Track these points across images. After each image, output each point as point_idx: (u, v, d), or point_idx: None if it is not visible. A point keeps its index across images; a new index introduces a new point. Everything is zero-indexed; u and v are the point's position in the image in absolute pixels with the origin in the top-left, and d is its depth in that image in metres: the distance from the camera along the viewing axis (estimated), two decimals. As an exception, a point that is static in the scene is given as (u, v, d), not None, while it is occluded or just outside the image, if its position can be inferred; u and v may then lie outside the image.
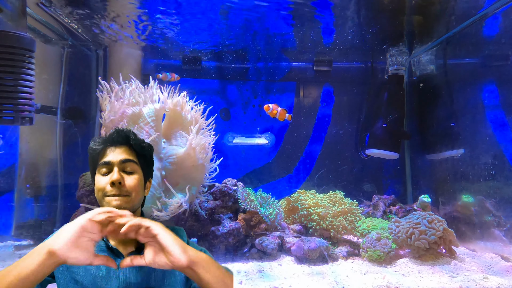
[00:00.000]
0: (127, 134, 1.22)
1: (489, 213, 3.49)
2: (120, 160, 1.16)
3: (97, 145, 1.19)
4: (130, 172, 1.18)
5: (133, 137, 1.23)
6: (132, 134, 1.23)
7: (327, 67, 4.91)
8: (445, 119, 4.27)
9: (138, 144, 1.22)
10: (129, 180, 1.16)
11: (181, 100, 3.16)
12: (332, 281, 2.75)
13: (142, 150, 1.24)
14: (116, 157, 1.17)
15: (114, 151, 1.18)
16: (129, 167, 1.18)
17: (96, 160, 1.19)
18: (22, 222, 3.71)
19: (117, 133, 1.21)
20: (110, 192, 1.12)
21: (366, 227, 3.63)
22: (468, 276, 2.75)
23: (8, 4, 2.40)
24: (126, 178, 1.15)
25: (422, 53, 4.53)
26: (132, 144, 1.21)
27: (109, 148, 1.18)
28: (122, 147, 1.19)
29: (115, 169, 1.14)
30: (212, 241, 3.18)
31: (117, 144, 1.19)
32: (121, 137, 1.20)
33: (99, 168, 1.16)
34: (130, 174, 1.17)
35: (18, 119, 2.37)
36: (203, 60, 4.91)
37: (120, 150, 1.19)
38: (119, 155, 1.17)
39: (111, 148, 1.18)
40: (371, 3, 3.36)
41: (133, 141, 1.22)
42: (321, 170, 4.99)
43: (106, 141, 1.20)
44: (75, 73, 4.19)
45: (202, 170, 3.01)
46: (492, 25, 3.60)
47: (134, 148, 1.21)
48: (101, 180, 1.14)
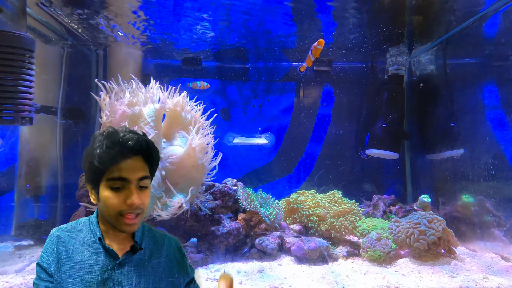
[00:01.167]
0: (148, 143, 1.06)
1: (489, 213, 3.49)
2: (138, 178, 1.04)
3: (109, 154, 1.00)
4: (144, 187, 1.07)
5: (152, 146, 1.08)
6: (147, 142, 1.06)
7: (327, 67, 4.91)
8: (445, 119, 4.27)
9: (152, 155, 1.08)
10: (144, 197, 1.07)
11: (181, 100, 3.16)
12: (332, 281, 2.75)
13: (155, 160, 1.11)
14: (134, 173, 1.03)
15: (131, 165, 1.02)
16: (144, 183, 1.06)
17: (102, 169, 1.02)
18: (22, 222, 3.71)
19: (137, 142, 1.03)
20: (126, 211, 1.03)
21: (366, 227, 3.64)
22: (468, 276, 2.75)
23: (8, 4, 2.40)
24: (141, 195, 1.05)
25: (422, 53, 4.53)
26: (151, 155, 1.07)
27: (124, 160, 1.01)
28: (138, 158, 1.04)
29: (133, 188, 1.03)
30: (212, 241, 3.18)
31: (132, 155, 1.03)
32: (141, 147, 1.04)
33: (111, 182, 1.02)
34: (144, 189, 1.07)
35: (18, 119, 2.37)
36: (203, 60, 4.91)
37: (136, 164, 1.04)
38: (137, 171, 1.03)
39: (127, 161, 1.02)
40: (371, 3, 3.36)
41: (151, 151, 1.07)
42: (321, 170, 4.99)
43: (122, 150, 1.01)
44: (75, 73, 4.19)
45: (202, 170, 3.01)
46: (492, 25, 3.60)
47: (148, 159, 1.08)
48: (112, 197, 1.02)
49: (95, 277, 1.06)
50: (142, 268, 1.11)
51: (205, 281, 2.69)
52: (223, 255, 3.23)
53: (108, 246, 1.10)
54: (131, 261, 1.11)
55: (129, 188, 1.03)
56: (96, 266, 1.07)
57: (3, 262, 3.06)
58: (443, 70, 4.49)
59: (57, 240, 1.11)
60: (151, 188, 1.15)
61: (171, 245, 1.21)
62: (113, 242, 1.12)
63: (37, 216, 3.78)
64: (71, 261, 1.07)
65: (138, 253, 1.12)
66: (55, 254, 1.08)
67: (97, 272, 1.06)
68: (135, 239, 1.13)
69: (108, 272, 1.07)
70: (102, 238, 1.10)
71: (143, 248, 1.14)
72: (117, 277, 1.07)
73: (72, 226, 1.15)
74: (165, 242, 1.21)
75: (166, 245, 1.20)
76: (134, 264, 1.11)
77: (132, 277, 1.09)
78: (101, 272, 1.07)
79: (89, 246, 1.10)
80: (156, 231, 1.23)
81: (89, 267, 1.06)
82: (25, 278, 2.66)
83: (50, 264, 1.07)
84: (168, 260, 1.17)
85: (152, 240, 1.19)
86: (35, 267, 1.11)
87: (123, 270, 1.09)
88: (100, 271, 1.06)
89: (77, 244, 1.10)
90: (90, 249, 1.09)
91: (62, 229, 1.14)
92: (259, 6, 3.37)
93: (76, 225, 1.15)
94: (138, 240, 1.14)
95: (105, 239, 1.11)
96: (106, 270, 1.07)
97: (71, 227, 1.15)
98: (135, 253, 1.11)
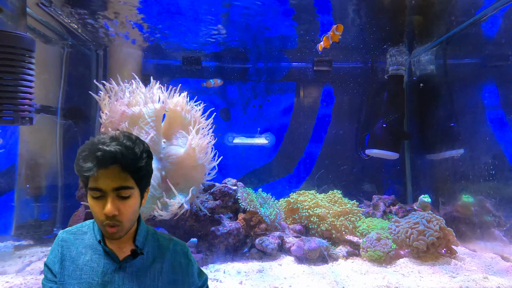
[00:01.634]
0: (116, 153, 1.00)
1: (489, 213, 3.49)
2: (112, 188, 1.01)
3: (84, 166, 0.99)
4: (125, 197, 1.03)
5: (125, 153, 1.01)
6: (122, 151, 1.01)
7: (327, 67, 4.90)
8: (445, 119, 4.27)
9: (131, 163, 1.03)
10: (125, 207, 1.03)
11: (181, 100, 3.16)
12: (332, 281, 2.75)
13: (137, 168, 1.05)
14: (108, 184, 1.00)
15: (106, 175, 1.00)
16: (123, 193, 1.03)
17: (85, 178, 1.02)
18: (22, 222, 3.71)
19: (104, 152, 0.99)
20: (105, 222, 1.02)
21: (366, 227, 3.64)
22: (468, 276, 2.75)
23: (8, 4, 2.40)
24: (121, 205, 1.02)
25: (422, 53, 4.53)
26: (128, 163, 1.03)
27: (99, 170, 0.99)
28: (115, 167, 1.01)
29: (109, 198, 1.01)
30: (212, 241, 3.18)
31: (107, 165, 0.99)
32: (110, 157, 0.99)
33: (91, 192, 1.02)
34: (125, 199, 1.04)
35: (18, 119, 2.37)
36: (203, 60, 4.91)
37: (112, 174, 1.00)
38: (112, 182, 1.00)
39: (101, 170, 0.99)
40: (371, 3, 3.36)
41: (129, 160, 1.02)
42: (321, 170, 4.99)
43: (96, 161, 0.99)
44: (75, 73, 4.19)
45: (202, 170, 3.01)
46: (492, 25, 3.60)
47: (128, 168, 1.03)
48: (94, 206, 1.02)
49: (96, 280, 1.06)
50: (143, 274, 1.10)
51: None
52: (223, 255, 3.23)
53: (108, 249, 1.10)
54: (132, 265, 1.10)
55: (106, 198, 1.01)
56: (97, 269, 1.07)
57: (3, 262, 3.06)
58: (443, 70, 4.49)
59: (62, 242, 1.12)
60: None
61: (176, 250, 1.18)
62: (114, 245, 1.12)
63: (37, 216, 3.78)
64: (73, 263, 1.08)
65: (140, 257, 1.11)
66: (59, 255, 1.10)
67: (98, 275, 1.07)
68: (135, 243, 1.12)
69: (108, 276, 1.07)
70: (102, 241, 1.10)
71: (145, 252, 1.13)
72: (117, 281, 1.07)
73: (77, 228, 1.17)
74: (170, 247, 1.18)
75: (170, 250, 1.17)
76: (135, 268, 1.10)
77: (132, 282, 1.08)
78: (102, 275, 1.07)
79: (91, 248, 1.10)
80: (161, 235, 1.21)
81: (90, 270, 1.07)
82: (25, 278, 2.66)
83: (55, 264, 1.09)
84: (171, 266, 1.15)
85: (155, 244, 1.16)
86: (42, 267, 1.13)
87: (124, 274, 1.08)
88: (101, 274, 1.06)
89: (80, 246, 1.11)
90: (92, 251, 1.10)
91: (68, 231, 1.16)
92: (259, 6, 3.37)
93: (81, 228, 1.17)
94: (140, 245, 1.12)
95: (106, 242, 1.11)
96: (106, 273, 1.07)
97: (77, 229, 1.16)
98: (135, 257, 1.10)
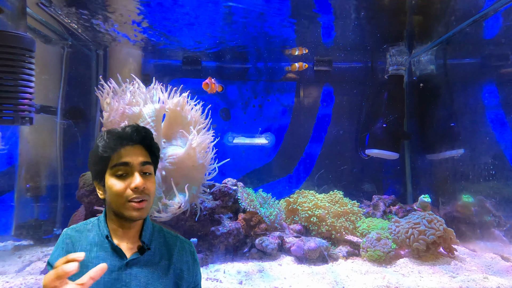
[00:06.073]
0: (146, 133, 1.12)
1: (489, 213, 3.49)
2: (140, 162, 1.08)
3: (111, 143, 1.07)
4: (148, 173, 1.10)
5: (151, 135, 1.14)
6: (144, 131, 1.13)
7: (327, 67, 4.91)
8: (445, 119, 4.27)
9: (150, 143, 1.14)
10: (149, 183, 1.09)
11: (181, 100, 3.16)
12: (332, 281, 2.75)
13: (156, 148, 1.16)
14: (136, 158, 1.08)
15: (131, 151, 1.08)
16: (147, 169, 1.10)
17: (106, 159, 1.07)
18: (22, 222, 3.71)
19: (135, 130, 1.10)
20: (132, 196, 1.05)
21: (366, 227, 3.64)
22: (468, 276, 2.75)
23: (8, 4, 2.40)
24: (145, 181, 1.08)
25: (422, 53, 4.53)
26: (151, 143, 1.13)
27: (124, 147, 1.08)
28: (138, 146, 1.10)
29: (136, 173, 1.07)
30: (212, 241, 3.18)
31: (134, 142, 1.09)
32: (140, 135, 1.10)
33: (115, 169, 1.06)
34: (148, 176, 1.10)
35: (18, 119, 2.37)
36: (203, 60, 4.91)
37: (137, 150, 1.09)
38: (138, 157, 1.09)
39: (127, 147, 1.08)
40: (371, 3, 3.36)
41: (150, 140, 1.13)
42: (321, 170, 4.99)
43: (122, 138, 1.08)
44: (75, 73, 4.19)
45: (202, 170, 3.01)
46: (492, 25, 3.60)
47: (148, 148, 1.13)
48: (117, 184, 1.06)
49: (102, 277, 1.03)
50: (150, 270, 1.09)
51: (205, 281, 2.69)
52: (223, 255, 3.23)
53: (116, 245, 1.09)
54: (139, 262, 1.09)
55: (133, 173, 1.07)
56: None
57: (3, 262, 3.06)
58: (443, 70, 4.49)
59: (66, 239, 1.11)
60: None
61: (184, 248, 1.18)
62: (121, 241, 1.11)
63: (37, 216, 3.78)
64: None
65: (147, 254, 1.10)
66: (64, 253, 1.08)
67: (105, 272, 1.06)
68: (142, 239, 1.11)
69: (115, 273, 1.06)
70: (109, 236, 1.09)
71: (152, 249, 1.12)
72: (124, 278, 1.06)
73: (82, 225, 1.16)
74: (177, 244, 1.18)
75: (178, 247, 1.18)
76: (142, 265, 1.09)
77: (139, 279, 1.07)
78: (108, 272, 1.05)
79: (97, 245, 1.09)
80: (168, 232, 1.21)
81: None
82: (25, 278, 2.66)
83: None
84: (179, 264, 1.15)
85: (162, 241, 1.16)
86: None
87: (130, 271, 1.07)
88: (108, 271, 1.04)
89: (85, 243, 1.10)
90: (97, 248, 1.09)
91: (72, 228, 1.15)
92: (259, 6, 3.37)
93: (85, 225, 1.16)
94: (146, 241, 1.12)
95: (113, 238, 1.10)
96: (113, 270, 1.06)
97: (81, 226, 1.15)
98: (142, 254, 1.09)
